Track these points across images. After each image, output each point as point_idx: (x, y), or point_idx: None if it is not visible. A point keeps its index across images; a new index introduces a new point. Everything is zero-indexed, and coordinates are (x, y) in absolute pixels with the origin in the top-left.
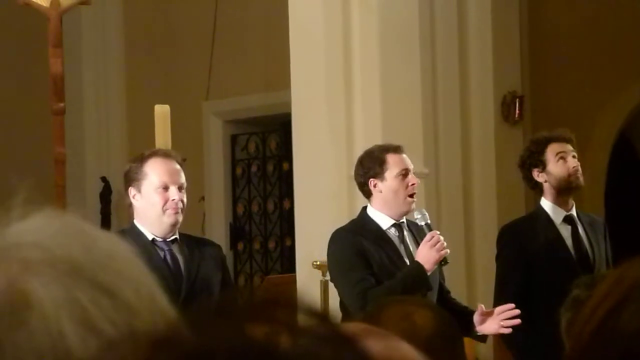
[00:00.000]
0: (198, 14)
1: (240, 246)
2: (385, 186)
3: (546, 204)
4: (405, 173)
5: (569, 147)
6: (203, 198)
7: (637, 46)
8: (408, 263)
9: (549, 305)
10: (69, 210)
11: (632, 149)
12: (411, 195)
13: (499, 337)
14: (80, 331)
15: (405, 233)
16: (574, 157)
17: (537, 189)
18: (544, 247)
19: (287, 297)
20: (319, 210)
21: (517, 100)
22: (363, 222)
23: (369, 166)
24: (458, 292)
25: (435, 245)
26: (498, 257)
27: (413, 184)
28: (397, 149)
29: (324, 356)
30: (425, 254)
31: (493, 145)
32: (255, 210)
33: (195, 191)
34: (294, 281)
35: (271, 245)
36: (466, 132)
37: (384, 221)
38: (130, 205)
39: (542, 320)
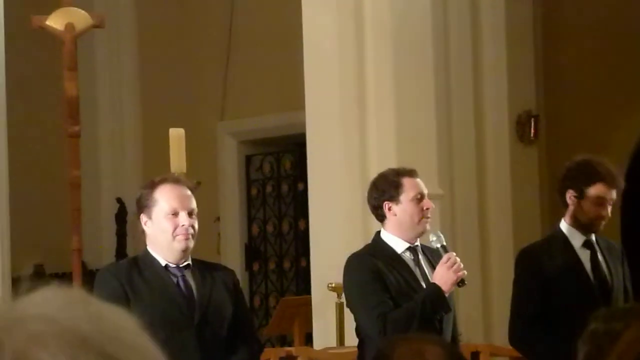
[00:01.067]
0: (212, 35)
1: (255, 267)
2: (401, 209)
3: (565, 226)
4: (420, 197)
5: (613, 194)
6: (218, 219)
7: None
8: (424, 286)
9: (566, 330)
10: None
11: None
12: (427, 218)
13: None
14: None
15: (420, 256)
16: (610, 205)
17: (564, 206)
18: (563, 271)
19: None
20: (334, 230)
21: (532, 119)
22: (377, 246)
23: (384, 189)
24: (474, 313)
25: (452, 266)
26: (516, 282)
27: (428, 208)
28: (411, 173)
29: None
30: (443, 276)
31: (508, 165)
32: (270, 230)
33: (210, 212)
34: (309, 303)
35: (286, 265)
36: (481, 152)
37: (399, 245)
38: (143, 231)
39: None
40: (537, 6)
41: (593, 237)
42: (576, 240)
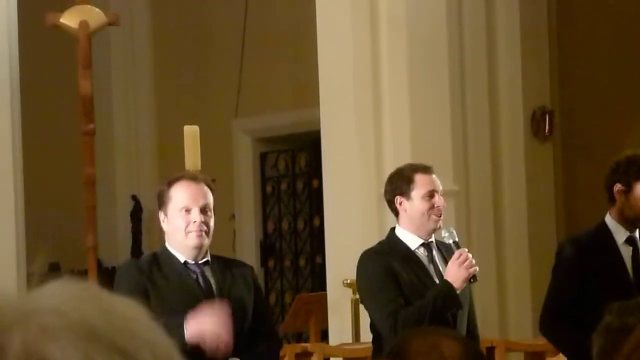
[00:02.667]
0: (226, 32)
1: (270, 264)
2: (411, 206)
3: (610, 221)
4: (431, 195)
5: None
6: (233, 216)
7: None
8: (437, 282)
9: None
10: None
11: None
12: (438, 215)
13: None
14: None
15: (434, 253)
16: None
17: (610, 201)
18: (603, 266)
19: None
20: (349, 227)
21: (547, 115)
22: (391, 243)
23: (397, 184)
24: (489, 308)
25: (464, 262)
26: (554, 270)
27: (439, 206)
28: (426, 170)
29: None
30: (455, 272)
31: (523, 161)
32: (286, 228)
33: (225, 209)
34: (324, 299)
35: (302, 262)
36: (496, 148)
37: (413, 241)
38: (162, 228)
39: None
40: (552, 2)
41: (637, 234)
42: (620, 235)
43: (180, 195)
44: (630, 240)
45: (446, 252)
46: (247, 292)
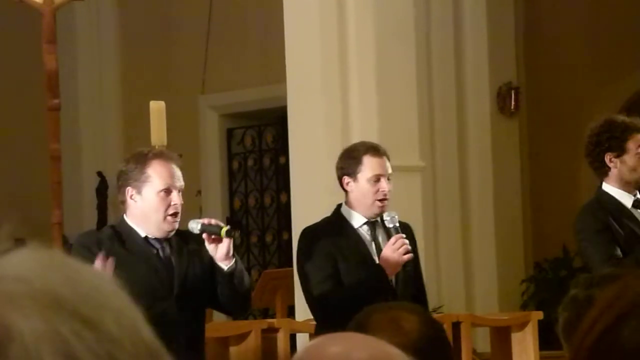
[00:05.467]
0: (193, 8)
1: (237, 240)
2: (356, 187)
3: (611, 189)
4: (377, 179)
5: None
6: (199, 192)
7: (633, 37)
8: (377, 261)
9: None
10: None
11: None
12: (381, 200)
13: None
14: None
15: (378, 231)
16: None
17: (600, 171)
18: (620, 227)
19: None
20: (315, 203)
21: (513, 91)
22: (335, 220)
23: (346, 163)
24: (455, 284)
25: (398, 249)
26: (579, 232)
27: (383, 191)
28: (377, 152)
29: None
30: (388, 257)
31: (489, 136)
32: (252, 204)
33: (192, 185)
34: (291, 275)
35: (268, 238)
36: (462, 124)
37: (357, 219)
38: (123, 202)
39: None
40: None
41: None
42: (626, 200)
43: (162, 176)
44: (637, 203)
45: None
46: (208, 264)
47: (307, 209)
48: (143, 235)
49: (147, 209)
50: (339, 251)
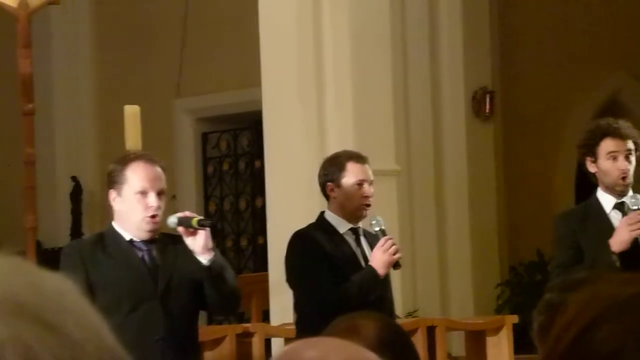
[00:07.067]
0: (169, 12)
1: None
2: (341, 192)
3: (600, 193)
4: (360, 184)
5: (627, 145)
6: (174, 196)
7: (607, 42)
8: (364, 265)
9: None
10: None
11: None
12: (365, 205)
13: None
14: None
15: (362, 238)
16: (627, 156)
17: (592, 176)
18: (594, 234)
19: None
20: (291, 208)
21: (488, 95)
22: (322, 225)
23: (329, 170)
24: (431, 288)
25: (388, 249)
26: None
27: (367, 196)
28: (360, 159)
29: None
30: (379, 258)
31: (464, 140)
32: (227, 208)
33: (167, 189)
34: (266, 280)
35: (243, 243)
36: (437, 128)
37: (341, 225)
38: (110, 206)
39: None
40: None
41: (628, 198)
42: (607, 204)
43: (139, 177)
44: (619, 206)
45: (372, 241)
46: (193, 265)
47: (282, 213)
48: (128, 238)
49: (125, 210)
50: (331, 254)
